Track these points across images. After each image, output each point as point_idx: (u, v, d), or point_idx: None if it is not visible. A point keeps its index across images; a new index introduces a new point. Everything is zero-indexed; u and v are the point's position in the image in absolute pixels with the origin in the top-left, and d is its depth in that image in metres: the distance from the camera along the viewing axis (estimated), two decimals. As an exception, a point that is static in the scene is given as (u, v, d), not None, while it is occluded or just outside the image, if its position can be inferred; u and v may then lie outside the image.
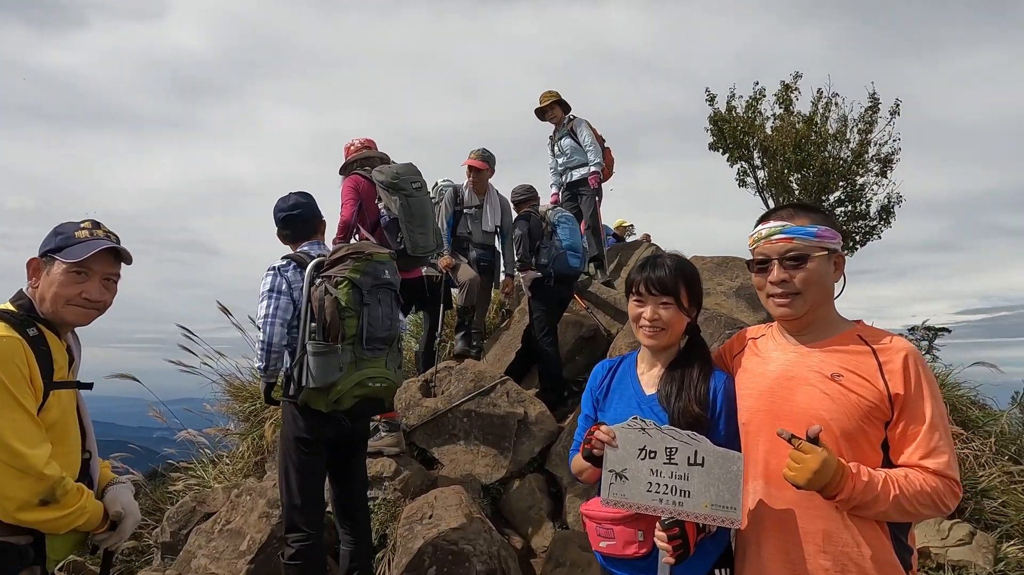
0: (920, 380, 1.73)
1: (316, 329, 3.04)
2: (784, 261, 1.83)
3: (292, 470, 3.15)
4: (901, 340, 1.83)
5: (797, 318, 1.87)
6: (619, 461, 1.84)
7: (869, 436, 1.74)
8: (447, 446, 4.66)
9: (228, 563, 3.68)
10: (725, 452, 1.78)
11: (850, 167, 13.10)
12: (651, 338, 2.07)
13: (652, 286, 2.05)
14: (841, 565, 1.71)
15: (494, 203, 6.00)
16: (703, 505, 1.75)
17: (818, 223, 1.85)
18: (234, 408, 6.49)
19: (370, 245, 3.43)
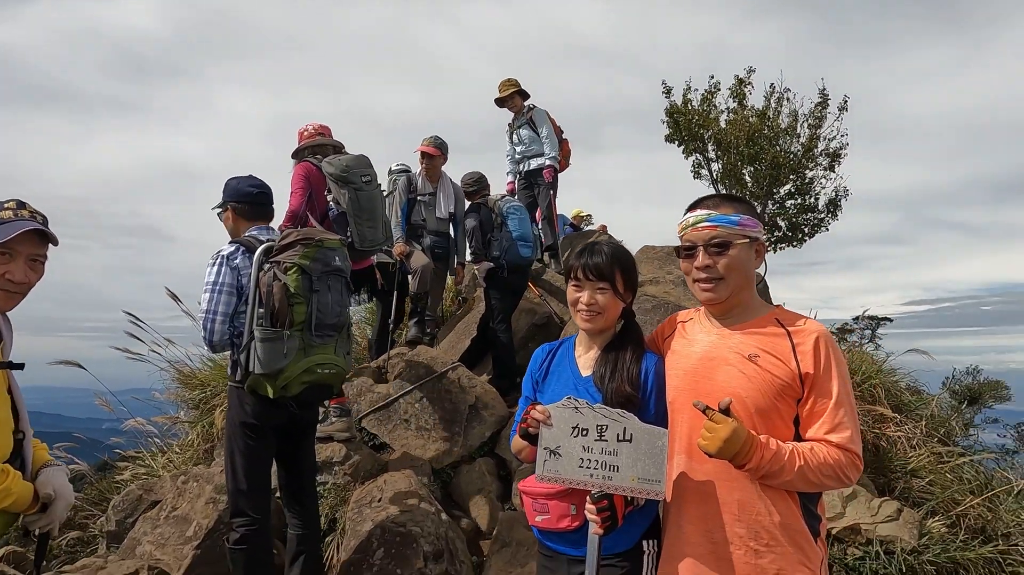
0: (829, 360, 1.85)
1: (264, 315, 3.03)
2: (709, 248, 1.94)
3: (238, 455, 3.15)
4: (814, 323, 1.95)
5: (720, 302, 1.98)
6: (553, 439, 1.92)
7: (782, 412, 1.85)
8: (398, 431, 4.70)
9: (174, 549, 3.66)
10: (651, 428, 1.88)
11: (800, 161, 13.48)
12: (588, 322, 2.15)
13: (589, 272, 2.12)
14: (754, 532, 1.83)
15: (447, 190, 6.03)
16: (631, 479, 1.85)
17: (741, 212, 1.96)
18: (184, 396, 6.41)
19: (320, 231, 3.39)
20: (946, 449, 6.09)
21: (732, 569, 1.83)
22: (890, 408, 6.03)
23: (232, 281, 3.14)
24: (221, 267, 3.14)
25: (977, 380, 7.83)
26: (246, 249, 3.21)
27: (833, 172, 13.67)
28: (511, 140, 7.37)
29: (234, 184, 3.40)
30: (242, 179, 3.42)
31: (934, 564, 4.47)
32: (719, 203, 1.99)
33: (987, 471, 6.24)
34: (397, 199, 5.90)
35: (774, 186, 13.63)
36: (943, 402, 7.13)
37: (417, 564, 3.38)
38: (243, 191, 3.37)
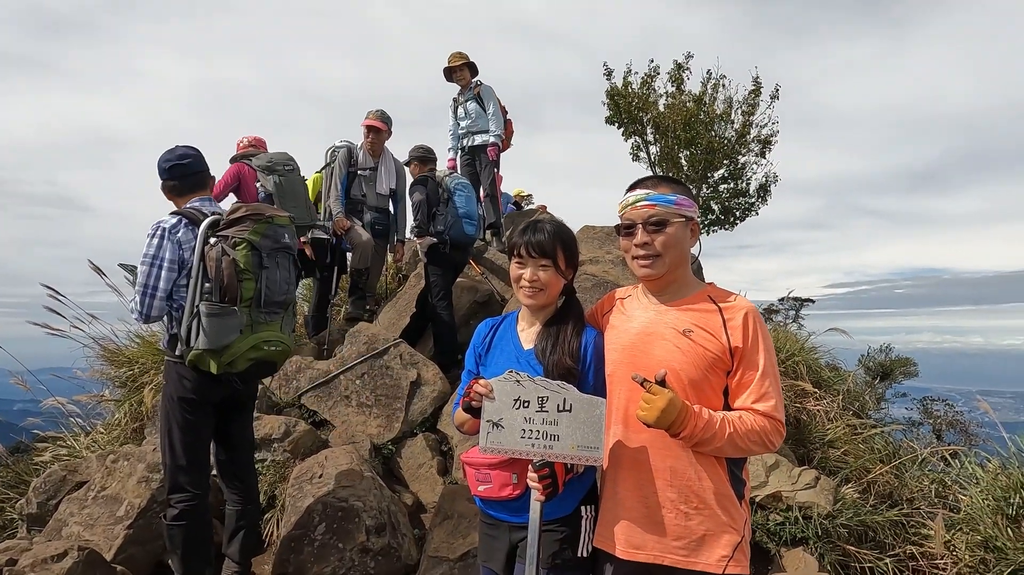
0: (757, 335, 1.97)
1: (211, 290, 2.96)
2: (647, 226, 2.02)
3: (176, 430, 3.08)
4: (743, 300, 2.07)
5: (657, 278, 2.07)
6: (496, 411, 1.98)
7: (713, 384, 1.97)
8: (338, 408, 4.67)
9: (104, 529, 3.55)
10: (589, 398, 1.95)
11: (733, 147, 13.89)
12: (530, 298, 2.19)
13: (532, 249, 2.17)
14: (685, 496, 1.94)
15: (389, 166, 5.94)
16: (570, 447, 1.92)
17: (677, 192, 2.05)
18: (109, 374, 6.14)
19: (269, 207, 3.33)
20: (859, 421, 6.52)
21: (664, 530, 1.94)
22: (811, 384, 6.39)
23: (173, 256, 3.03)
24: (162, 240, 3.02)
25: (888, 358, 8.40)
26: (189, 221, 3.10)
27: (764, 158, 14.16)
28: (455, 114, 7.30)
29: (161, 161, 3.29)
30: (166, 153, 3.30)
31: (846, 527, 4.80)
32: (657, 183, 2.08)
33: (895, 442, 6.72)
34: (336, 171, 5.75)
35: (708, 170, 14.02)
36: (858, 378, 7.61)
37: (359, 538, 3.40)
38: (164, 168, 3.26)
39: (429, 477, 4.34)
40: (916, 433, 6.67)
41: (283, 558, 3.41)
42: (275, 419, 4.23)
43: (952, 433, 7.94)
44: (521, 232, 2.23)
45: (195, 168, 3.28)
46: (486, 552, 2.23)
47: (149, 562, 3.58)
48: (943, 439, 7.46)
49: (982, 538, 4.60)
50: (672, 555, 1.94)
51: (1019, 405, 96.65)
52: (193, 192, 3.26)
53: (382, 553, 3.44)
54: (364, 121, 5.88)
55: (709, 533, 1.93)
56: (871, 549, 4.84)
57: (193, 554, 3.06)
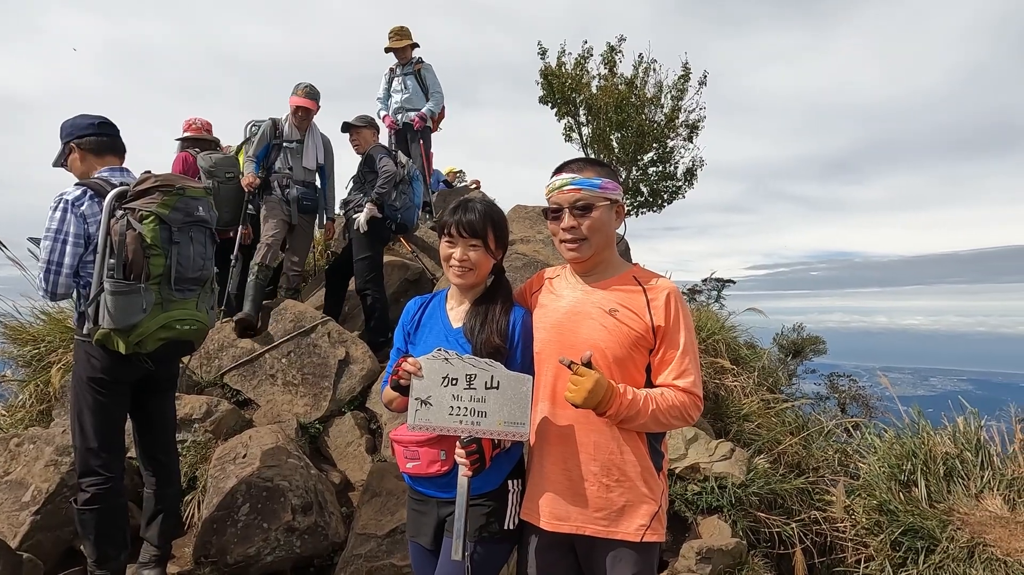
0: (678, 315, 2.06)
1: (115, 266, 2.80)
2: (573, 210, 2.07)
3: (86, 412, 2.94)
4: (666, 281, 2.15)
5: (584, 260, 2.13)
6: (424, 389, 2.00)
7: (636, 361, 2.05)
8: (264, 387, 4.57)
9: (8, 516, 3.36)
10: (517, 375, 1.99)
11: (663, 130, 14.20)
12: (460, 277, 2.20)
13: (462, 229, 2.17)
14: (607, 469, 2.03)
15: (316, 140, 5.70)
16: (498, 423, 1.97)
17: (602, 176, 2.09)
18: (12, 352, 5.77)
19: (182, 178, 3.13)
20: (772, 396, 6.90)
21: (586, 502, 2.03)
22: (729, 361, 6.70)
23: (78, 230, 2.86)
24: (65, 213, 2.84)
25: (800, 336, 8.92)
26: (95, 193, 2.92)
27: (691, 143, 14.53)
28: (388, 85, 7.18)
29: (70, 123, 3.08)
30: (78, 117, 3.10)
31: (758, 495, 5.10)
32: (583, 167, 2.11)
33: (804, 415, 7.16)
34: (256, 141, 5.49)
35: (638, 153, 14.29)
36: (772, 355, 8.03)
37: (285, 518, 3.36)
38: (83, 124, 3.06)
39: (357, 455, 4.32)
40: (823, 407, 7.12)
41: (205, 540, 3.34)
42: (196, 399, 4.10)
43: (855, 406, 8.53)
44: (452, 211, 2.23)
45: (107, 131, 3.09)
46: (414, 527, 2.25)
47: (58, 549, 3.43)
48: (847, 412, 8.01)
49: (877, 502, 4.98)
50: (593, 526, 2.02)
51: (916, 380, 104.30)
52: (104, 156, 3.07)
53: (308, 532, 3.41)
54: (292, 99, 5.56)
55: (629, 504, 2.02)
56: (779, 515, 5.17)
57: (106, 539, 2.95)
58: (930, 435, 5.45)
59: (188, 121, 6.21)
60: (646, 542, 2.02)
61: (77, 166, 3.08)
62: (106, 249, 2.84)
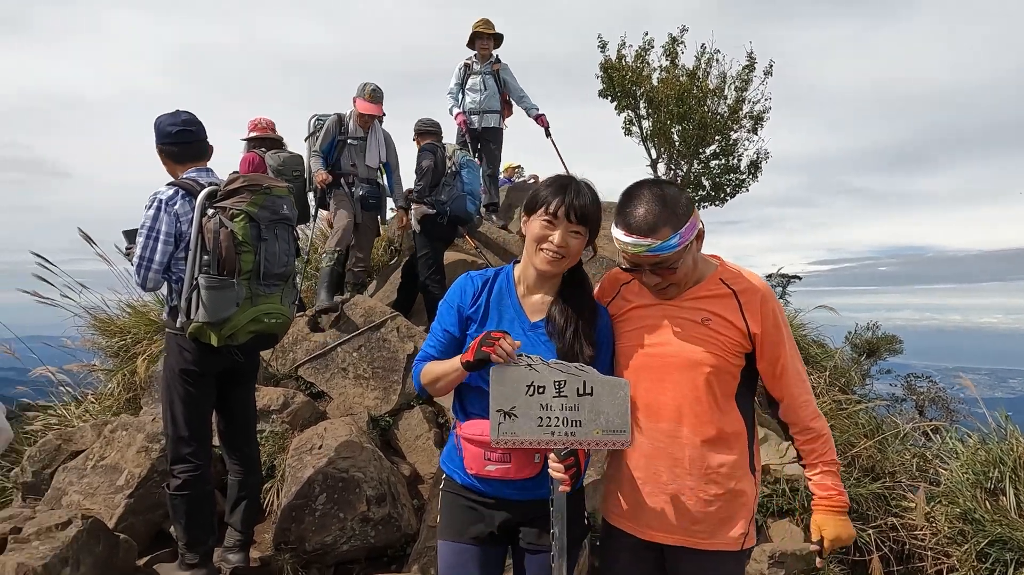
0: (776, 319, 1.97)
1: (209, 262, 2.94)
2: (655, 270, 1.91)
3: (177, 402, 3.09)
4: (756, 280, 2.04)
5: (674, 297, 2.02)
6: (506, 399, 1.82)
7: (731, 367, 1.98)
8: (336, 380, 4.70)
9: (104, 498, 3.57)
10: (612, 380, 1.87)
11: (726, 122, 13.86)
12: (551, 264, 1.96)
13: (572, 213, 1.92)
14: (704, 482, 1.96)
15: (379, 138, 5.80)
16: (595, 432, 1.84)
17: (678, 228, 1.85)
18: (100, 343, 6.10)
19: (268, 178, 3.30)
20: (845, 397, 6.66)
21: (684, 515, 1.97)
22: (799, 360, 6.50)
23: (170, 229, 3.00)
24: (159, 212, 2.99)
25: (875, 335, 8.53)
26: (186, 192, 3.06)
27: (756, 135, 14.14)
28: (463, 85, 7.02)
29: (157, 124, 3.20)
30: (165, 117, 3.21)
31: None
32: (655, 225, 1.84)
33: (879, 417, 6.89)
34: (322, 135, 5.61)
35: (700, 146, 13.98)
36: (845, 355, 7.75)
37: (360, 508, 3.45)
38: (165, 131, 3.18)
39: (426, 448, 4.40)
40: (899, 409, 6.81)
41: (284, 527, 3.46)
42: (274, 390, 4.25)
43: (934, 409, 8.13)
44: (558, 190, 1.95)
45: (187, 138, 3.21)
46: (460, 526, 2.04)
47: (149, 531, 3.62)
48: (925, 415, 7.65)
49: (961, 510, 4.75)
50: (692, 538, 1.98)
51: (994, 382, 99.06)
52: (186, 163, 3.20)
53: (382, 522, 3.49)
54: (359, 103, 5.61)
55: (728, 515, 1.98)
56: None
57: (196, 523, 3.09)
58: (1019, 440, 5.15)
59: (253, 121, 6.31)
60: (745, 549, 2.00)
61: (167, 161, 3.23)
62: (198, 246, 2.97)
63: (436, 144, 5.68)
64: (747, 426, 2.04)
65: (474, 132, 7.05)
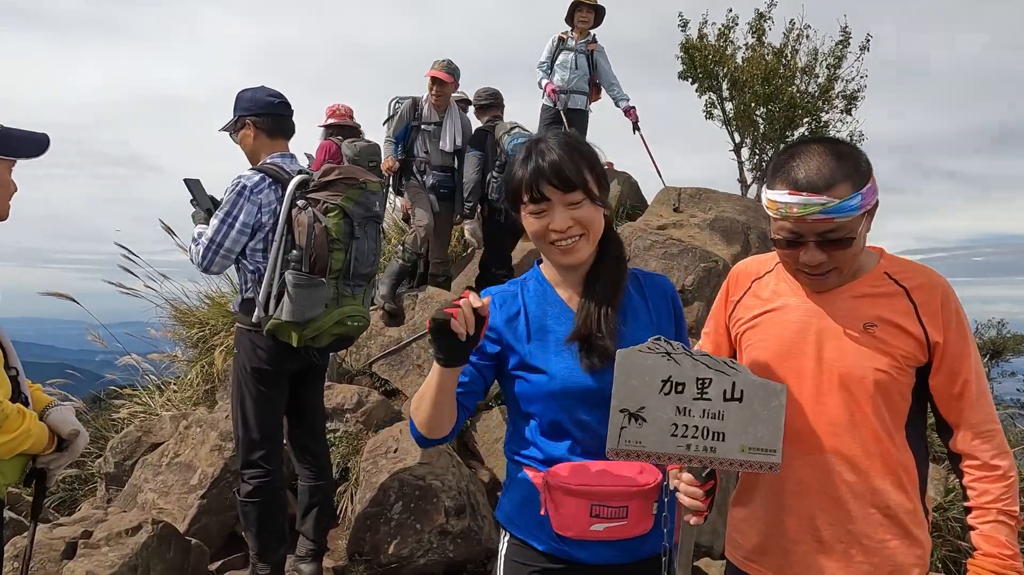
0: (961, 326, 1.55)
1: (299, 258, 2.75)
2: (823, 243, 1.49)
3: (249, 402, 2.91)
4: (933, 275, 1.60)
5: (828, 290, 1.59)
6: (634, 397, 1.40)
7: (901, 385, 1.55)
8: (411, 377, 4.48)
9: (178, 498, 3.47)
10: (765, 383, 1.44)
11: (816, 103, 12.96)
12: (569, 253, 1.50)
13: (552, 179, 1.45)
14: (867, 528, 1.55)
15: (455, 121, 5.49)
16: (739, 449, 1.42)
17: (859, 187, 1.46)
18: (181, 334, 6.15)
19: (363, 171, 3.08)
20: (964, 403, 5.98)
21: (844, 570, 1.57)
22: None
23: (248, 219, 2.81)
24: (240, 198, 2.80)
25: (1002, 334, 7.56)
26: (273, 180, 2.86)
27: (849, 115, 13.16)
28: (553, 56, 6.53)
29: (250, 95, 2.97)
30: (258, 89, 2.99)
31: (959, 521, 4.38)
32: (832, 179, 1.45)
33: (1005, 425, 6.15)
34: (396, 121, 5.37)
35: (788, 129, 13.12)
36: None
37: (438, 519, 3.20)
38: (263, 101, 2.95)
39: (505, 453, 4.12)
40: (1026, 416, 6.05)
41: (358, 536, 3.26)
42: (347, 388, 4.07)
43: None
44: (523, 163, 1.50)
45: (286, 111, 3.01)
46: None
47: (222, 532, 3.50)
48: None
49: None
50: None
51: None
52: (278, 137, 2.99)
53: (462, 536, 3.24)
54: (429, 72, 5.41)
55: (895, 569, 1.57)
56: None
57: (267, 531, 2.92)
58: None
59: (331, 108, 6.10)
60: None
61: (248, 142, 2.99)
62: (284, 237, 2.78)
63: (485, 131, 5.32)
64: (918, 462, 1.60)
65: (558, 114, 6.59)
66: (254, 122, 2.95)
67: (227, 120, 3.03)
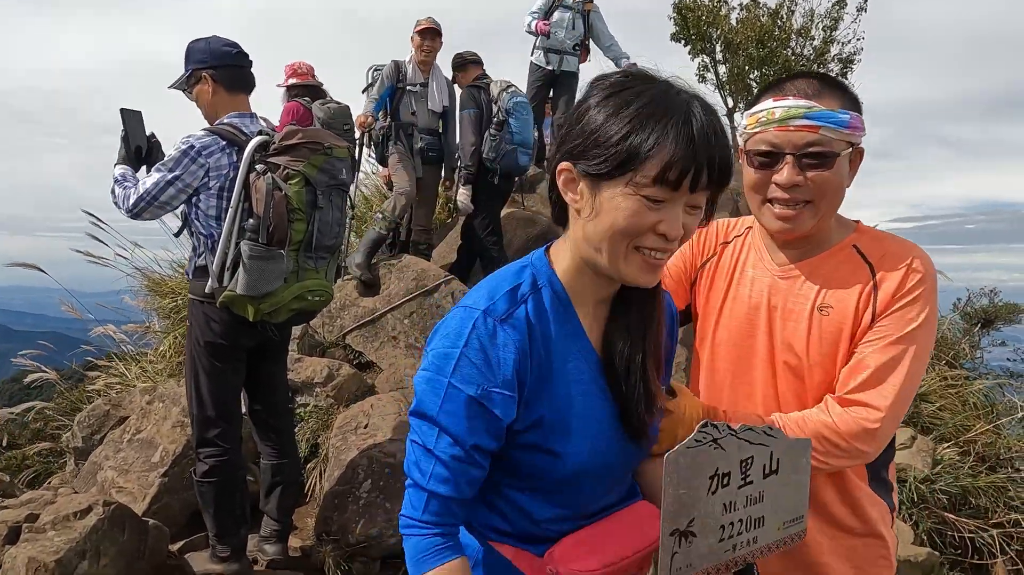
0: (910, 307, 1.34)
1: (256, 228, 2.55)
2: (802, 158, 1.34)
3: (203, 378, 2.75)
4: (907, 250, 1.39)
5: (798, 234, 1.42)
6: (684, 510, 1.06)
7: None
8: (385, 349, 4.34)
9: (139, 476, 3.33)
10: (795, 442, 1.20)
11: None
12: (654, 272, 1.07)
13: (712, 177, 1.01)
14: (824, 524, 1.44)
15: (440, 82, 5.28)
16: (776, 528, 1.18)
17: (850, 108, 1.36)
18: (154, 304, 5.99)
19: (329, 135, 2.84)
20: (953, 373, 5.89)
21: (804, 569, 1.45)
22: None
23: (193, 182, 2.61)
24: (184, 158, 2.59)
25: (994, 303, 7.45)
26: (227, 143, 2.65)
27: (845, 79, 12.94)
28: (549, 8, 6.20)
29: (203, 45, 2.73)
30: (213, 39, 2.75)
31: (946, 493, 4.32)
32: (821, 89, 1.35)
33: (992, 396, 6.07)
34: (379, 84, 5.13)
35: (782, 93, 12.92)
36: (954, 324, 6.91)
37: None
38: (219, 52, 2.71)
39: (483, 427, 4.00)
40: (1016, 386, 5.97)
41: (326, 515, 3.14)
42: (318, 361, 3.92)
43: (1059, 387, 7.13)
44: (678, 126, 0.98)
45: (244, 62, 2.77)
46: None
47: (185, 511, 3.36)
48: (1049, 394, 6.73)
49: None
50: None
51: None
52: (237, 91, 2.77)
53: (433, 514, 3.12)
54: (416, 28, 5.13)
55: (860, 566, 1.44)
56: (969, 516, 4.37)
57: (226, 513, 2.79)
58: None
59: (291, 66, 5.55)
60: None
61: (206, 99, 2.76)
62: (241, 205, 2.59)
63: (479, 87, 5.06)
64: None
65: (551, 75, 6.34)
66: (211, 75, 2.72)
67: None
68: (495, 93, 4.99)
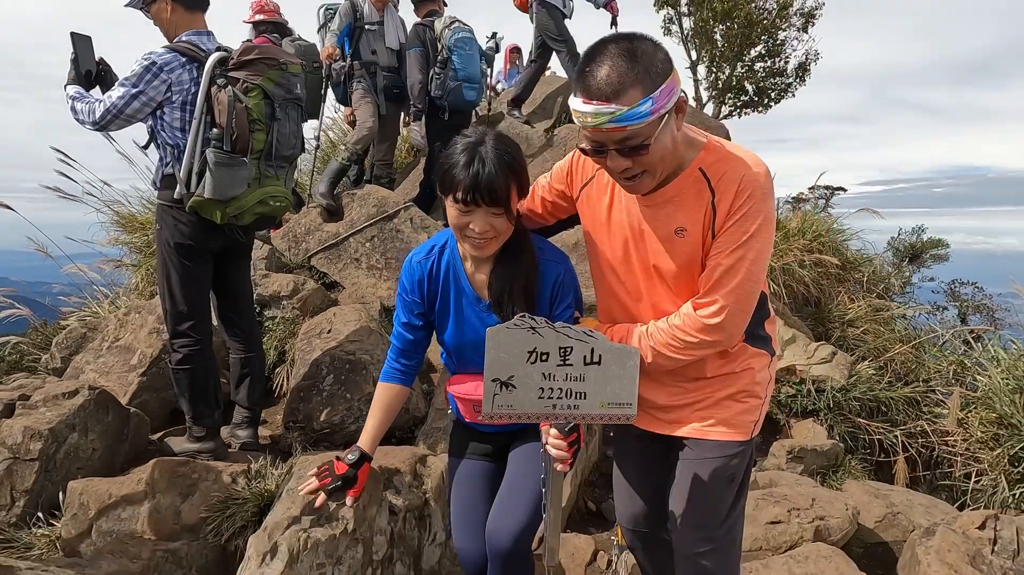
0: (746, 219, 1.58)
1: (220, 137, 2.80)
2: (622, 151, 1.52)
3: (175, 277, 3.02)
4: (738, 167, 1.59)
5: (649, 190, 1.66)
6: (504, 367, 1.58)
7: None
8: (348, 270, 4.62)
9: (119, 376, 3.61)
10: (621, 347, 1.64)
11: (774, 20, 12.93)
12: (480, 248, 1.79)
13: (481, 197, 1.69)
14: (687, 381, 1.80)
15: (395, 19, 5.42)
16: (599, 405, 1.63)
17: (650, 91, 1.44)
18: (125, 240, 6.13)
19: (284, 52, 3.12)
20: (882, 303, 6.37)
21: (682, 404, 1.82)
22: (835, 264, 6.18)
23: (156, 95, 2.83)
24: (147, 73, 2.80)
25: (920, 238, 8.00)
26: (188, 60, 2.87)
27: (806, 33, 13.20)
28: None
29: None
30: None
31: (859, 401, 4.78)
32: (620, 87, 1.43)
33: (917, 325, 6.59)
34: (337, 19, 5.21)
35: (745, 47, 13.14)
36: (886, 260, 7.37)
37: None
38: None
39: (439, 339, 4.33)
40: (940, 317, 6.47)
41: (293, 407, 3.46)
42: (284, 277, 4.20)
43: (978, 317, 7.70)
44: (464, 167, 1.70)
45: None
46: (464, 449, 2.12)
47: (163, 408, 3.66)
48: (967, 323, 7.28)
49: (997, 415, 4.55)
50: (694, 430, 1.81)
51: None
52: (195, 9, 2.95)
53: (389, 405, 3.46)
54: None
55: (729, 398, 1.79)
56: (882, 423, 4.84)
57: (200, 397, 3.09)
58: (1069, 347, 4.87)
59: (258, 2, 5.59)
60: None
61: (164, 17, 2.93)
62: (204, 116, 2.82)
63: (424, 26, 5.20)
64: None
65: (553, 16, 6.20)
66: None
67: None
68: (439, 30, 5.12)
